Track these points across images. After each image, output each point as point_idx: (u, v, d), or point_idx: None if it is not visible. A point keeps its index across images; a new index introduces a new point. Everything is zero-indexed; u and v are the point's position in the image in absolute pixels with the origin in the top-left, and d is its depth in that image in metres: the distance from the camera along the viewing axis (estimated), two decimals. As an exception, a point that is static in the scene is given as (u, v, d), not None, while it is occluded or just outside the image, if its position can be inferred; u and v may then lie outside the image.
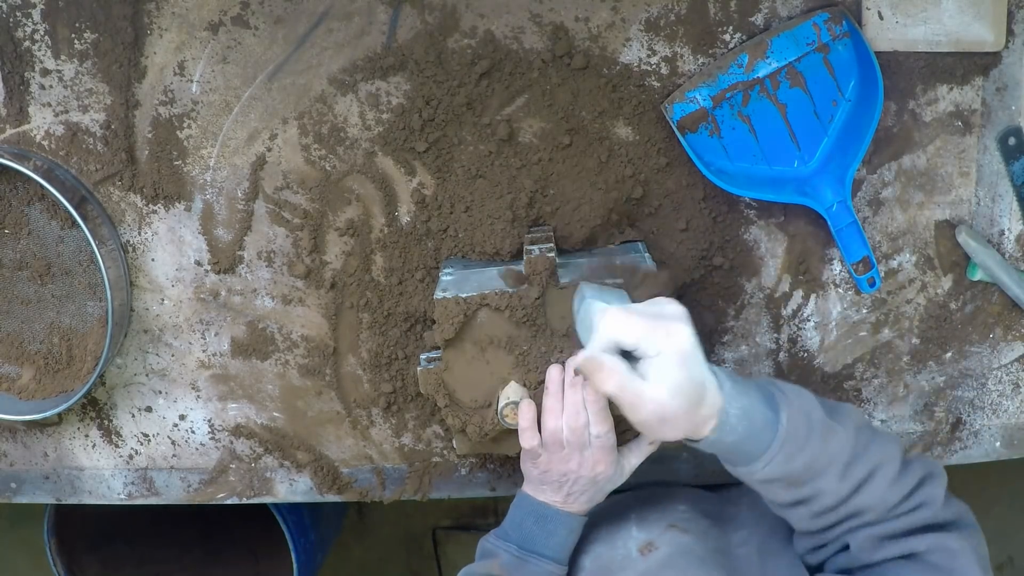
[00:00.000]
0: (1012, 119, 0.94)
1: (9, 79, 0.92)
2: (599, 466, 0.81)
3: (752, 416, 0.69)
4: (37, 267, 0.97)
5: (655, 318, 0.67)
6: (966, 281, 0.99)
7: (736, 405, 0.68)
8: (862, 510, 0.71)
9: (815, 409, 0.71)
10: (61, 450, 1.05)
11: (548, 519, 0.84)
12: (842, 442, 0.71)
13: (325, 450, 1.05)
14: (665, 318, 0.67)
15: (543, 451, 0.82)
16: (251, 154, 0.94)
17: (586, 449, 0.80)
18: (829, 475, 0.70)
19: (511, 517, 0.87)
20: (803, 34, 0.89)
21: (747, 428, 0.68)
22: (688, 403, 0.66)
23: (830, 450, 0.70)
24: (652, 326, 0.66)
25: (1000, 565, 2.17)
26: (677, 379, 0.65)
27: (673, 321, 0.67)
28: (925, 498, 0.72)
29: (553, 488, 0.84)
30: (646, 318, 0.67)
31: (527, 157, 0.93)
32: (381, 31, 0.91)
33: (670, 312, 0.68)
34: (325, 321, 0.99)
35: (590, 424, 0.80)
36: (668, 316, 0.67)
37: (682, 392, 0.65)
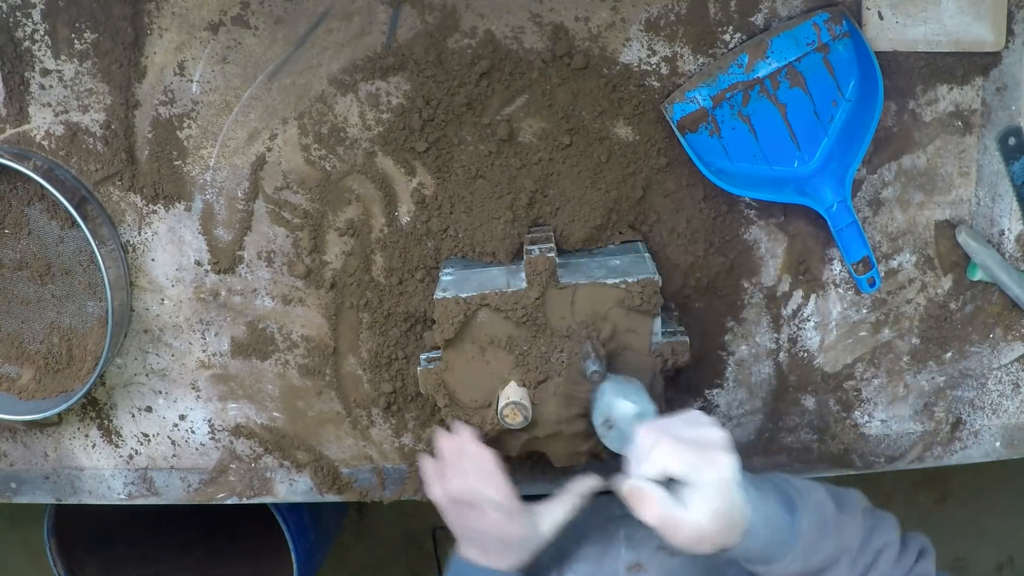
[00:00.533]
0: (1012, 119, 0.94)
1: (9, 79, 0.92)
2: (505, 527, 0.81)
3: (774, 523, 0.70)
4: (37, 267, 0.97)
5: (701, 448, 0.68)
6: (966, 281, 0.99)
7: (760, 513, 0.70)
8: None
9: (828, 505, 0.73)
10: (61, 450, 1.05)
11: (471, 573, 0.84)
12: (853, 534, 0.73)
13: (325, 450, 1.05)
14: (710, 447, 0.68)
15: (451, 506, 0.83)
16: (251, 154, 0.94)
17: (483, 514, 0.81)
18: (841, 566, 0.72)
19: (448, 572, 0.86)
20: (803, 34, 0.89)
21: (770, 535, 0.70)
22: (725, 526, 0.68)
23: (842, 543, 0.72)
24: (700, 456, 0.68)
25: (1000, 565, 2.17)
26: (718, 507, 0.67)
27: (719, 451, 0.68)
28: (922, 572, 0.74)
29: (467, 542, 0.84)
30: (692, 449, 0.68)
31: (527, 157, 0.93)
32: (381, 31, 0.91)
33: (714, 440, 0.69)
34: (325, 321, 0.99)
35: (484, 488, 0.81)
36: (712, 445, 0.69)
37: (721, 518, 0.67)
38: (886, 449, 1.05)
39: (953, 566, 2.16)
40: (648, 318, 0.85)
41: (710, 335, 1.00)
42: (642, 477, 0.69)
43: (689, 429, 0.70)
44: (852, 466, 1.06)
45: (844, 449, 1.05)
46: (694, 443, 0.69)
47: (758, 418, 1.03)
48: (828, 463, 1.05)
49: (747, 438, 1.04)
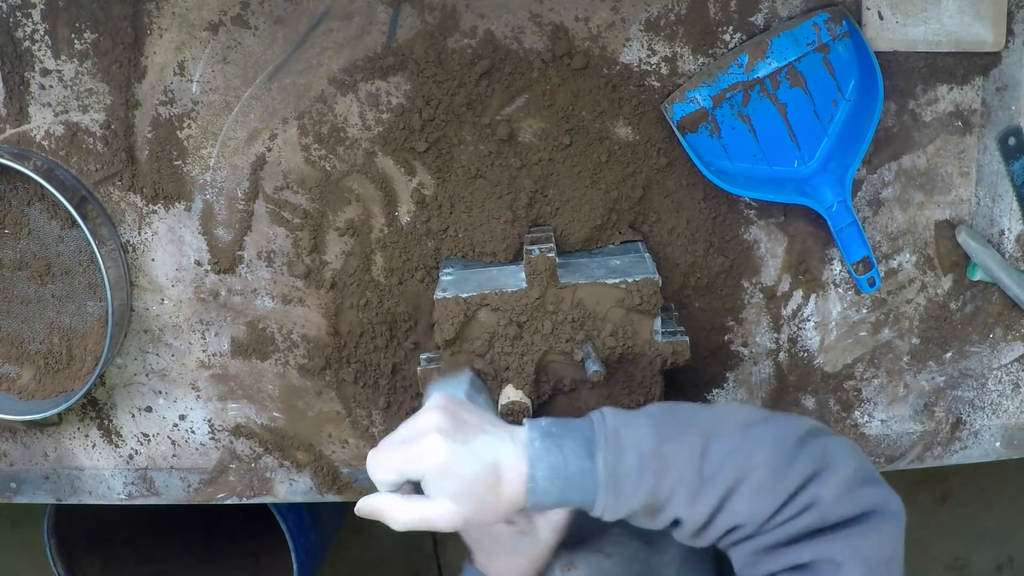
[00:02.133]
0: (1012, 119, 0.94)
1: (9, 79, 0.92)
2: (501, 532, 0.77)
3: (564, 471, 0.65)
4: (37, 267, 0.97)
5: (406, 443, 0.66)
6: (966, 281, 0.99)
7: (542, 466, 0.65)
8: (736, 527, 0.65)
9: (645, 439, 0.66)
10: (61, 450, 1.05)
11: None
12: (683, 465, 0.65)
13: (325, 450, 1.05)
14: (416, 437, 0.66)
15: None
16: (251, 154, 0.94)
17: None
18: (677, 502, 0.65)
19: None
20: (803, 34, 0.89)
21: (562, 484, 0.65)
22: (480, 498, 0.65)
23: (669, 478, 0.65)
24: (404, 455, 0.66)
25: (1000, 565, 2.17)
26: (453, 488, 0.64)
27: (423, 437, 0.66)
28: (811, 499, 0.64)
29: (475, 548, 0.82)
30: (396, 448, 0.66)
31: (527, 157, 0.93)
32: (381, 31, 0.91)
33: (421, 427, 0.67)
34: (325, 321, 0.99)
35: None
36: (419, 432, 0.66)
37: (465, 496, 0.64)
38: (886, 449, 1.05)
39: (953, 566, 2.16)
40: (648, 318, 0.85)
41: (710, 335, 1.00)
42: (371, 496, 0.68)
43: (402, 429, 0.68)
44: (852, 466, 1.06)
45: (844, 449, 1.05)
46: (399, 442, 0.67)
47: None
48: (828, 463, 1.05)
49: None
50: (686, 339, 0.86)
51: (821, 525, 0.64)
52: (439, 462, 0.65)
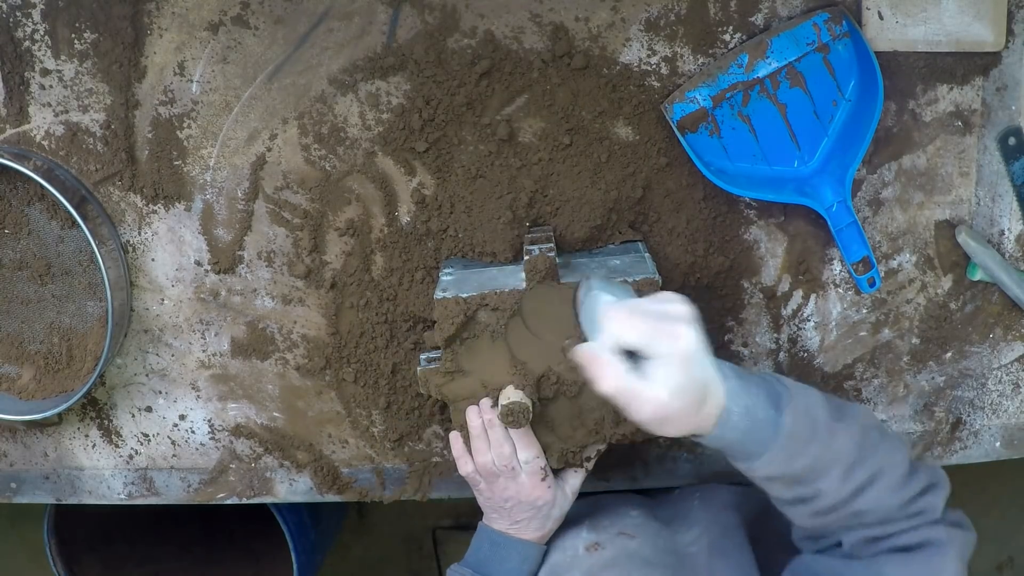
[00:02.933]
0: (1012, 119, 0.94)
1: (9, 79, 0.92)
2: (535, 491, 0.85)
3: (755, 415, 0.68)
4: (37, 267, 0.97)
5: (661, 318, 0.65)
6: (966, 281, 0.99)
7: (739, 403, 0.68)
8: (861, 512, 0.71)
9: (820, 409, 0.71)
10: (61, 450, 1.05)
11: (501, 545, 0.87)
12: (846, 444, 0.70)
13: (325, 450, 1.05)
14: (671, 318, 0.66)
15: (481, 480, 0.86)
16: (251, 154, 0.94)
17: (519, 476, 0.85)
18: (831, 476, 0.69)
19: (472, 545, 0.90)
20: (803, 34, 0.89)
21: (749, 426, 0.68)
22: (690, 404, 0.65)
23: (832, 452, 0.70)
24: (657, 327, 0.65)
25: (1000, 565, 2.17)
26: (679, 381, 0.64)
27: (679, 322, 0.65)
28: (925, 506, 0.71)
29: (500, 515, 0.87)
30: (651, 318, 0.65)
31: (527, 157, 0.93)
32: (381, 31, 0.91)
33: (676, 312, 0.66)
34: (325, 321, 0.99)
35: (517, 451, 0.84)
36: (674, 316, 0.66)
37: (684, 394, 0.64)
38: (886, 449, 1.05)
39: (953, 566, 2.16)
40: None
41: (710, 335, 1.00)
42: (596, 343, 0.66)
43: (652, 304, 0.67)
44: (852, 466, 1.06)
45: (844, 449, 1.05)
46: (652, 313, 0.66)
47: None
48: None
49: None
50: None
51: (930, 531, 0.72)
52: (687, 351, 0.65)
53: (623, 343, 0.65)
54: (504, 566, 0.87)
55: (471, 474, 0.87)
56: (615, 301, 0.71)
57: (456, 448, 0.88)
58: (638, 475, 1.06)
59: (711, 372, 0.67)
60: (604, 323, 0.66)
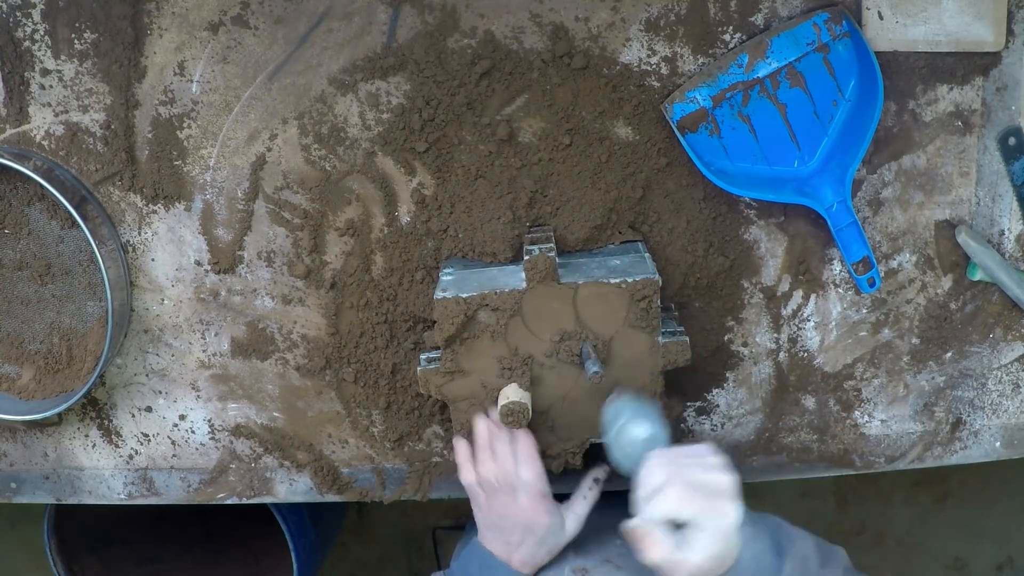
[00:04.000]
0: (1012, 119, 0.94)
1: (9, 79, 0.92)
2: (533, 514, 0.84)
3: (760, 562, 0.72)
4: (37, 267, 0.97)
5: (709, 495, 0.70)
6: (966, 281, 0.99)
7: (749, 551, 0.72)
8: None
9: (813, 559, 0.75)
10: (61, 450, 1.05)
11: (491, 568, 0.86)
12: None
13: (325, 450, 1.05)
14: (718, 495, 0.71)
15: (480, 492, 0.86)
16: (251, 154, 0.94)
17: (518, 495, 0.84)
18: None
19: (462, 558, 0.90)
20: (803, 34, 0.89)
21: (755, 572, 0.72)
22: (720, 565, 0.70)
23: None
24: (707, 505, 0.70)
25: (1000, 565, 2.17)
26: (717, 552, 0.69)
27: (726, 499, 0.71)
28: None
29: (495, 533, 0.86)
30: (700, 495, 0.70)
31: (527, 157, 0.93)
32: (381, 31, 0.91)
33: (722, 487, 0.71)
34: (325, 321, 0.99)
35: (519, 470, 0.84)
36: (721, 493, 0.71)
37: (718, 559, 0.70)
38: (886, 449, 1.05)
39: (953, 566, 2.16)
40: (648, 317, 0.85)
41: (710, 335, 1.00)
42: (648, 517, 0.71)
43: (699, 471, 0.72)
44: (852, 466, 1.06)
45: (844, 449, 1.05)
46: (702, 488, 0.71)
47: (758, 418, 1.03)
48: (828, 463, 1.05)
49: (747, 438, 1.04)
50: (686, 339, 0.86)
51: None
52: (728, 526, 0.70)
53: (676, 519, 0.70)
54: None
55: (472, 485, 0.87)
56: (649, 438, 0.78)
57: (460, 455, 0.88)
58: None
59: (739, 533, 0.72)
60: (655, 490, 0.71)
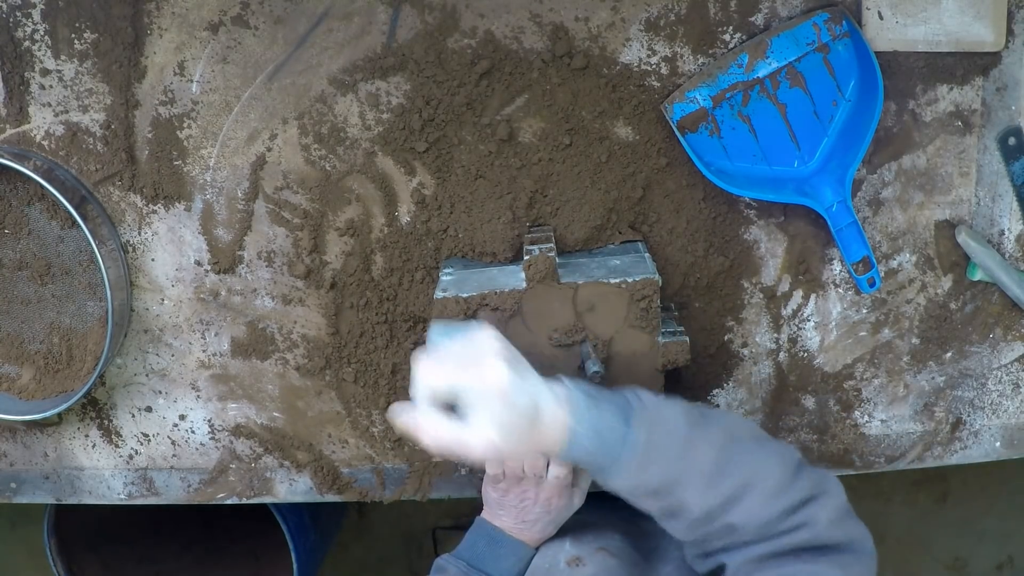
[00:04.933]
0: (1012, 119, 0.94)
1: (9, 79, 0.92)
2: (553, 500, 0.86)
3: (602, 432, 0.68)
4: (37, 267, 0.97)
5: (465, 360, 0.66)
6: (966, 281, 0.99)
7: (586, 423, 0.68)
8: (735, 527, 0.69)
9: (678, 420, 0.70)
10: (61, 450, 1.05)
11: (499, 543, 0.87)
12: (705, 454, 0.69)
13: (325, 450, 1.05)
14: (477, 356, 0.66)
15: (503, 480, 0.87)
16: (251, 154, 0.94)
17: (543, 483, 0.85)
18: (692, 487, 0.69)
19: (466, 539, 0.89)
20: (803, 34, 0.89)
21: (596, 444, 0.68)
22: (520, 434, 0.66)
23: (690, 462, 0.69)
24: (462, 370, 0.65)
25: (1000, 565, 2.17)
26: (500, 416, 0.65)
27: (485, 356, 0.66)
28: (807, 518, 0.69)
29: (509, 512, 0.87)
30: (455, 362, 0.65)
31: (527, 157, 0.93)
32: (381, 31, 0.91)
33: (482, 346, 0.67)
34: (325, 321, 0.99)
35: (550, 466, 0.83)
36: (480, 352, 0.66)
37: (509, 426, 0.65)
38: (886, 449, 1.05)
39: (953, 566, 2.16)
40: (648, 317, 0.85)
41: (710, 335, 1.00)
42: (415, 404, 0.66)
43: (459, 346, 0.67)
44: (852, 466, 1.06)
45: (844, 449, 1.05)
46: (458, 357, 0.66)
47: (758, 418, 1.03)
48: (828, 463, 1.05)
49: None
50: (686, 339, 0.86)
51: (811, 544, 0.68)
52: (500, 386, 0.65)
53: (435, 394, 0.65)
54: (499, 564, 0.87)
55: (496, 473, 0.87)
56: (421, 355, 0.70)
57: None
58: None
59: (542, 396, 0.67)
60: (413, 377, 0.66)
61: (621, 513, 1.01)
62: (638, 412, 0.70)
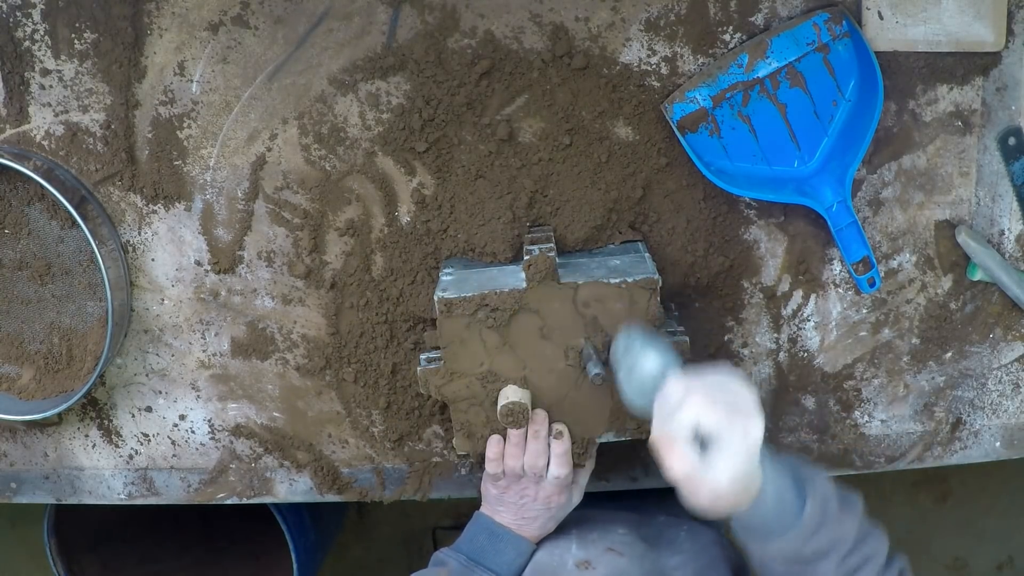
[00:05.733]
0: (1012, 119, 0.94)
1: (9, 79, 0.92)
2: (553, 498, 0.88)
3: (783, 499, 0.71)
4: (37, 267, 0.97)
5: (734, 411, 0.68)
6: (966, 281, 0.99)
7: (772, 487, 0.71)
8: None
9: (833, 498, 0.74)
10: (61, 450, 1.05)
11: (500, 537, 0.89)
12: (849, 532, 0.73)
13: (325, 450, 1.05)
14: (743, 412, 0.68)
15: (503, 478, 0.88)
16: (251, 154, 0.94)
17: (543, 482, 0.87)
18: (830, 560, 0.73)
19: (466, 533, 0.91)
20: (803, 34, 0.89)
21: (776, 510, 0.71)
22: (741, 490, 0.69)
23: (837, 538, 0.73)
24: (731, 420, 0.67)
25: (1000, 565, 2.17)
26: (740, 472, 0.67)
27: (750, 417, 0.68)
28: None
29: (508, 509, 0.89)
30: (724, 409, 0.68)
31: (527, 157, 0.93)
32: (381, 31, 0.91)
33: (746, 405, 0.69)
34: (325, 321, 0.99)
35: (550, 467, 0.86)
36: (745, 410, 0.69)
37: (739, 482, 0.68)
38: (886, 449, 1.05)
39: (953, 566, 2.16)
40: (648, 318, 0.85)
41: (710, 335, 1.00)
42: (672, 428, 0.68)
43: (720, 387, 0.70)
44: (852, 466, 1.06)
45: (844, 449, 1.05)
46: (724, 402, 0.68)
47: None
48: (828, 463, 1.05)
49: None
50: (686, 339, 0.86)
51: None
52: (751, 444, 0.67)
53: (699, 428, 0.68)
54: (499, 558, 0.88)
55: (496, 472, 0.88)
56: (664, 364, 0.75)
57: (493, 451, 0.88)
58: (638, 475, 1.06)
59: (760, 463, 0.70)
60: (678, 403, 0.69)
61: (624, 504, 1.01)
62: (809, 485, 0.73)
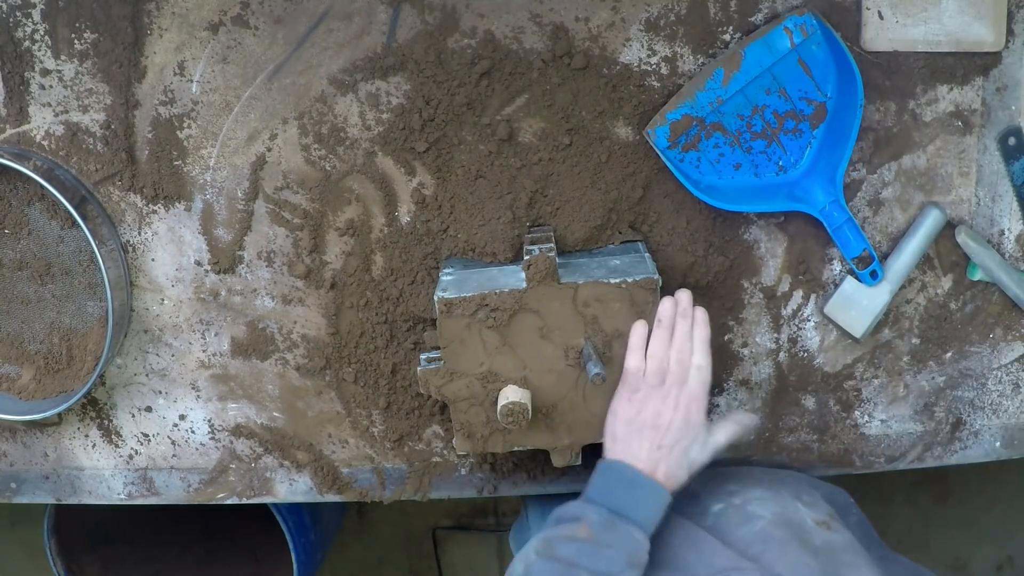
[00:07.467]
0: (1012, 119, 0.94)
1: (9, 79, 0.92)
2: (693, 407, 0.82)
3: None
4: (37, 267, 0.97)
5: None
6: (966, 281, 0.99)
7: None
8: None
9: None
10: (61, 450, 1.05)
11: (638, 485, 0.79)
12: None
13: (325, 450, 1.05)
14: None
15: (643, 385, 0.83)
16: (251, 154, 0.94)
17: (687, 384, 0.83)
18: None
19: (597, 484, 0.81)
20: (775, 40, 0.88)
21: None
22: None
23: None
24: None
25: (1000, 565, 2.17)
26: None
27: None
28: None
29: (644, 437, 0.81)
30: None
31: (527, 157, 0.93)
32: (381, 31, 0.91)
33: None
34: (325, 321, 0.99)
35: (694, 354, 0.83)
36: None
37: None
38: (886, 449, 1.05)
39: (953, 566, 2.16)
40: (648, 317, 0.85)
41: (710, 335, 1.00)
42: None
43: None
44: (852, 466, 1.06)
45: (844, 449, 1.05)
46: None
47: (758, 418, 1.03)
48: (828, 463, 1.05)
49: (747, 438, 1.04)
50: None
51: None
52: None
53: None
54: (640, 508, 0.78)
55: (635, 371, 0.83)
56: None
57: (636, 338, 0.83)
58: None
59: None
60: None
61: None
62: None
